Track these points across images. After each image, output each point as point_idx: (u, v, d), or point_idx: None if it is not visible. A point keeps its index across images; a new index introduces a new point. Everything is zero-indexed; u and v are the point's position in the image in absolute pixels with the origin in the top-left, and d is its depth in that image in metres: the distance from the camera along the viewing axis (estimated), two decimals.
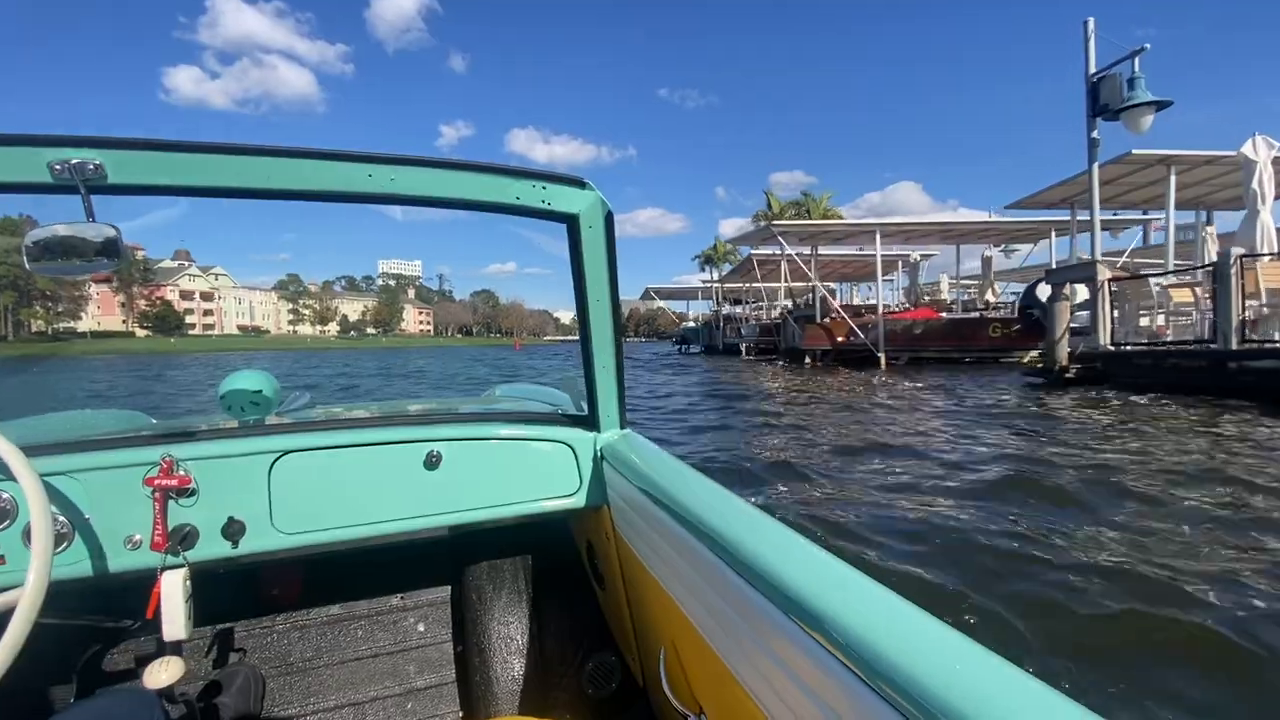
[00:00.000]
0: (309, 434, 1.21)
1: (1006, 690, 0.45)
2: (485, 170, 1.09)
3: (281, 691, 1.48)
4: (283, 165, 0.99)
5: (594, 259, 1.20)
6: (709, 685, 0.88)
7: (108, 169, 0.90)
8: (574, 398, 1.71)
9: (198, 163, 0.95)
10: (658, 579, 1.05)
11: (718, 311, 40.66)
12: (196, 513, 1.12)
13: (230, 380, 1.29)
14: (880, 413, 8.37)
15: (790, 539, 0.75)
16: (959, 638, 0.52)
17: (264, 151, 0.97)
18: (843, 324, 19.08)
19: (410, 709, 1.52)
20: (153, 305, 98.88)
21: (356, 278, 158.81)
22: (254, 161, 0.97)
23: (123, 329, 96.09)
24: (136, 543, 1.08)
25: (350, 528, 1.21)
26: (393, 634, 1.61)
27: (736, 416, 8.60)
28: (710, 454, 5.89)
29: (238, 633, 1.53)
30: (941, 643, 0.52)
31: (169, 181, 0.95)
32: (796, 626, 0.61)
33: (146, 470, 1.09)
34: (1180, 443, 5.49)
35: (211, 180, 0.97)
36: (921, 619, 0.56)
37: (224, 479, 1.14)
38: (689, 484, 1.01)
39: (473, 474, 1.30)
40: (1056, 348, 9.99)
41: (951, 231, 20.38)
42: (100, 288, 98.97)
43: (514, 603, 1.57)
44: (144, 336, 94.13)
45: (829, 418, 7.97)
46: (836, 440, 6.28)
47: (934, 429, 6.80)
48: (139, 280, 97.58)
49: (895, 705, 0.48)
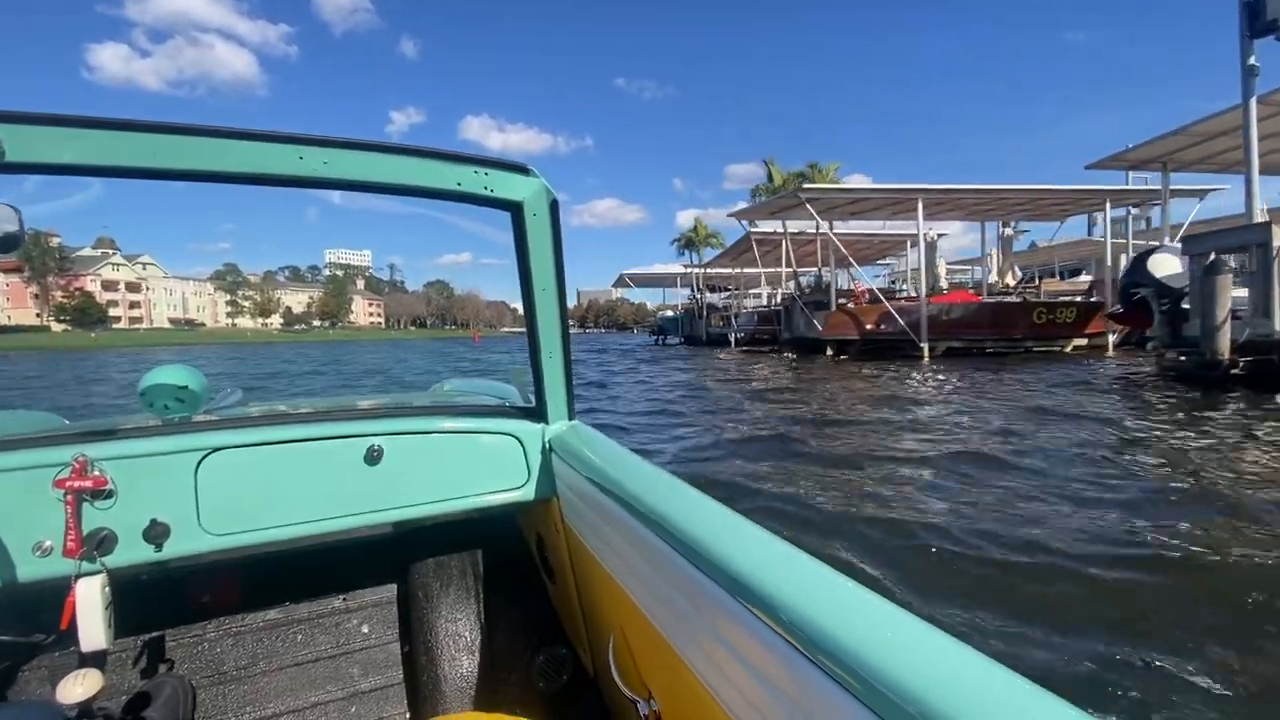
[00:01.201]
0: (239, 430, 1.17)
1: (944, 658, 0.46)
2: (424, 155, 1.06)
3: (214, 702, 1.41)
4: (205, 145, 0.93)
5: (539, 247, 1.19)
6: (658, 671, 0.88)
7: (5, 145, 0.84)
8: (522, 391, 1.71)
9: (109, 140, 0.89)
10: (607, 569, 1.04)
11: (698, 299, 38.26)
12: (115, 515, 1.08)
13: (152, 375, 1.27)
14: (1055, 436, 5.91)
15: (738, 523, 0.76)
16: (899, 612, 0.53)
17: (183, 130, 0.92)
18: (874, 309, 16.80)
19: (355, 713, 1.48)
20: (70, 297, 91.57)
21: (301, 268, 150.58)
22: (172, 140, 0.91)
23: (37, 323, 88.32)
24: (47, 549, 1.03)
25: (285, 527, 1.18)
26: (335, 636, 1.56)
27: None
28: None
29: (166, 643, 1.44)
30: (881, 617, 0.53)
31: (76, 160, 0.89)
32: (741, 606, 0.62)
33: (57, 471, 1.04)
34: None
35: (125, 160, 0.91)
36: (862, 595, 0.57)
37: (145, 479, 1.10)
38: (638, 473, 0.99)
39: (416, 469, 1.28)
40: (1217, 336, 7.87)
41: (990, 202, 18.25)
42: (9, 278, 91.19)
43: (462, 599, 1.54)
44: (61, 331, 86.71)
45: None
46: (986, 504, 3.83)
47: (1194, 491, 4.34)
48: (54, 270, 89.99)
49: (836, 678, 0.49)
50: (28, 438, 1.12)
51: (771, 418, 7.35)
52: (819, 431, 6.31)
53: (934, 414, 7.22)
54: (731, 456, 5.34)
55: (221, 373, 20.56)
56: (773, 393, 10.06)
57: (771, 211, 20.43)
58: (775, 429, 6.49)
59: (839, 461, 4.97)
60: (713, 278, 34.96)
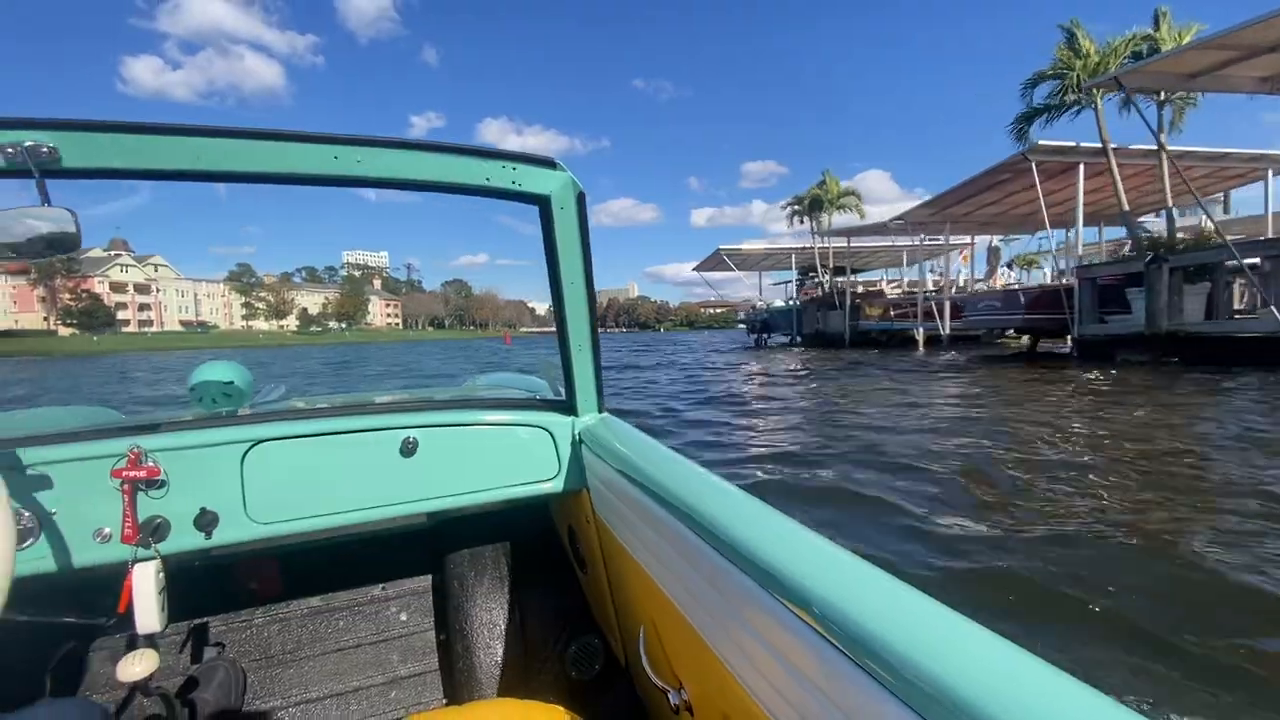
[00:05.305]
0: (281, 423, 1.19)
1: (984, 653, 0.45)
2: (454, 151, 1.07)
3: (263, 684, 1.47)
4: (246, 147, 0.96)
5: (567, 241, 1.18)
6: (689, 661, 0.88)
7: (62, 152, 0.88)
8: (552, 384, 1.69)
9: (157, 145, 0.93)
10: (638, 560, 1.04)
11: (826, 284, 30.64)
12: (167, 504, 1.11)
13: (200, 371, 1.31)
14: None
15: (768, 515, 0.75)
16: (936, 606, 0.51)
17: (226, 133, 0.95)
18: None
19: (394, 698, 1.52)
20: (78, 299, 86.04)
21: (318, 269, 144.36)
22: (215, 144, 0.95)
23: (44, 327, 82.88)
24: (106, 536, 1.06)
25: (326, 516, 1.20)
26: (374, 623, 1.60)
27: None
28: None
29: (216, 627, 1.51)
30: (918, 611, 0.51)
31: (127, 165, 0.92)
32: (772, 598, 0.61)
33: (114, 462, 1.07)
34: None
35: (171, 163, 0.94)
36: (898, 588, 0.55)
37: (195, 469, 1.13)
38: (668, 465, 0.99)
39: (450, 460, 1.29)
40: None
41: None
42: (15, 280, 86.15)
43: (496, 589, 1.56)
44: (68, 335, 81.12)
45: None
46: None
47: None
48: (61, 271, 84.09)
49: (870, 672, 0.48)
50: (86, 430, 1.15)
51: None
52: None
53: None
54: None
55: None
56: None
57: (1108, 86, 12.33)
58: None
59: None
60: (924, 223, 21.30)
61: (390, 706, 1.49)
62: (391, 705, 1.49)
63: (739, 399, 9.73)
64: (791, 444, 5.87)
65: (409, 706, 1.50)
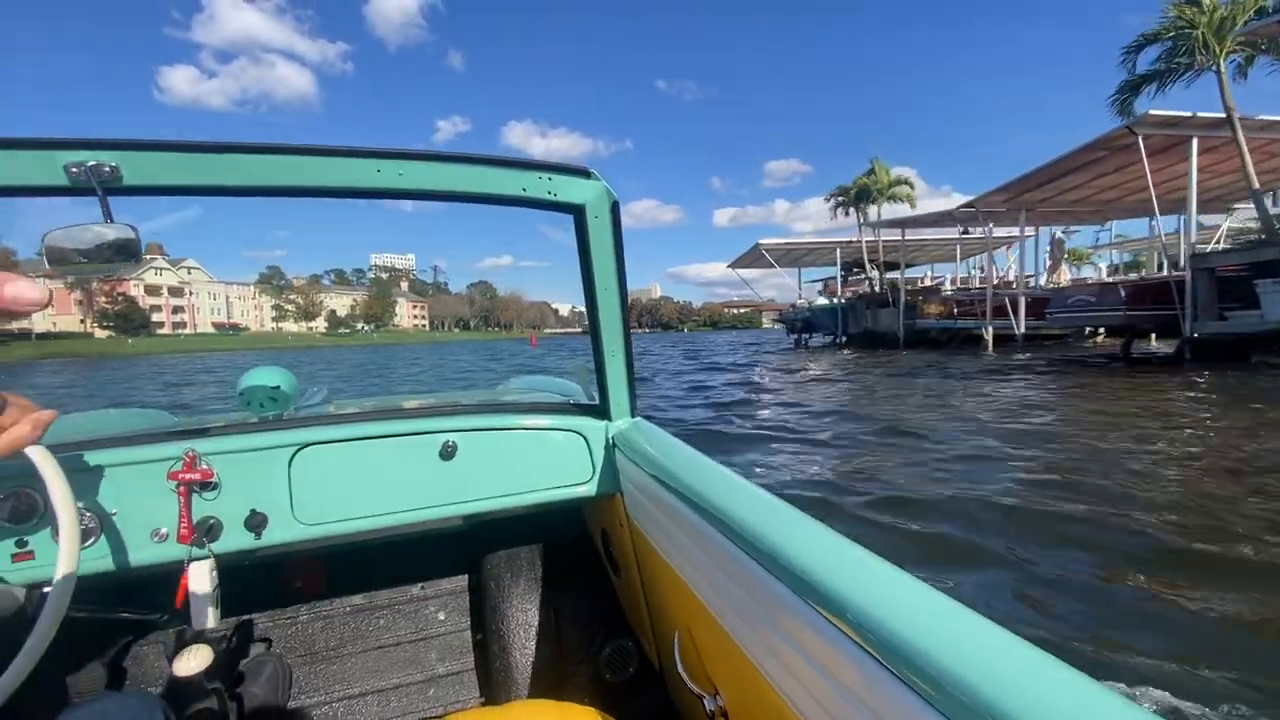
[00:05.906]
0: (326, 427, 1.22)
1: (1022, 665, 0.44)
2: (492, 163, 1.09)
3: (308, 680, 1.50)
4: (294, 163, 0.99)
5: (601, 248, 1.19)
6: (723, 666, 0.88)
7: (123, 171, 0.90)
8: (585, 388, 1.71)
9: (211, 162, 0.95)
10: (672, 564, 1.05)
11: (874, 281, 28.96)
12: (220, 505, 1.14)
13: (249, 376, 1.35)
14: None
15: (803, 522, 0.75)
16: (972, 615, 0.51)
17: (275, 150, 0.98)
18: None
19: (433, 695, 1.55)
20: (114, 302, 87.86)
21: (346, 271, 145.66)
22: (266, 160, 0.98)
23: (80, 329, 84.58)
24: (163, 536, 1.09)
25: (369, 518, 1.22)
26: (414, 622, 1.63)
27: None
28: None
29: (263, 624, 1.54)
30: (953, 620, 0.51)
31: (183, 182, 0.95)
32: (807, 605, 0.61)
33: (170, 465, 1.10)
34: None
35: (225, 180, 0.97)
36: (934, 597, 0.55)
37: (245, 472, 1.15)
38: (701, 470, 1.00)
39: (487, 464, 1.31)
40: None
41: None
42: (53, 284, 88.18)
43: (531, 590, 1.57)
44: (105, 337, 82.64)
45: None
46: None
47: None
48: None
49: (907, 681, 0.48)
50: (144, 434, 1.19)
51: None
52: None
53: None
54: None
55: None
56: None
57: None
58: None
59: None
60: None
61: (429, 704, 1.53)
62: (430, 703, 1.53)
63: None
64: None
65: (447, 705, 1.53)
